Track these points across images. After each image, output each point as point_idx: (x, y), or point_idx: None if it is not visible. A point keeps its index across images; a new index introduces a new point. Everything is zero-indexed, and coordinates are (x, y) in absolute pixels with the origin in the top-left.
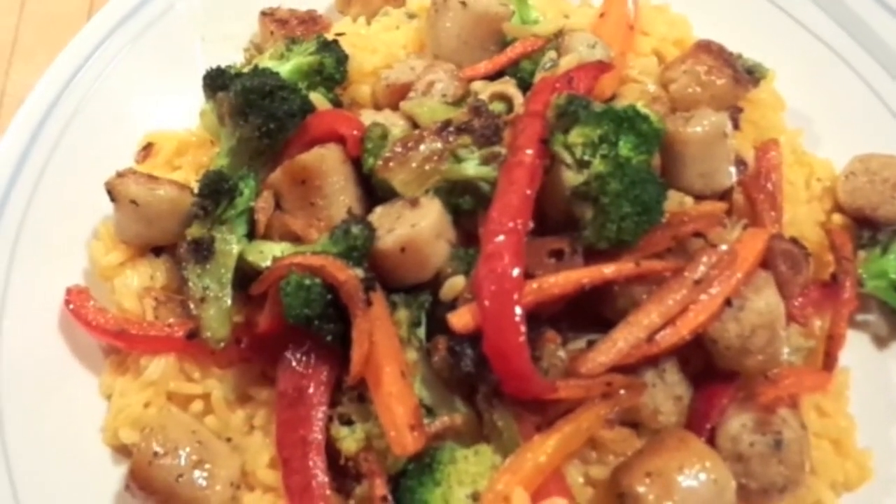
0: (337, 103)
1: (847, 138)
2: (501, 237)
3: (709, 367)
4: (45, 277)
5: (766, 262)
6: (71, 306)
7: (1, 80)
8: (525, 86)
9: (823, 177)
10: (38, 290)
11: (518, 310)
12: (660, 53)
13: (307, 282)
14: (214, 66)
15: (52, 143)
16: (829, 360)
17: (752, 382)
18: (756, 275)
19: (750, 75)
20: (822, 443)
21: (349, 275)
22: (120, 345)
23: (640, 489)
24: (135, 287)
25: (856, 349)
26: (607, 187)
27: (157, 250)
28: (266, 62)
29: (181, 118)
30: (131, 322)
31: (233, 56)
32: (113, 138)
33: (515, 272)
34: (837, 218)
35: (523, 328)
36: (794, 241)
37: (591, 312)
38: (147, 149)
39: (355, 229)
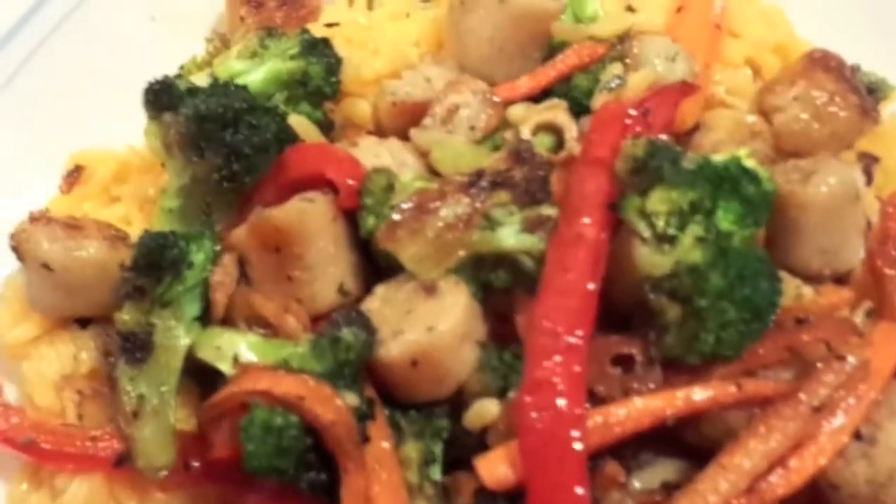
0: (326, 125)
1: None
2: (557, 358)
3: None
4: None
5: None
6: None
7: None
8: (579, 110)
9: None
10: None
11: (579, 462)
12: (754, 63)
13: (278, 421)
14: (160, 72)
15: None
16: None
17: None
18: (890, 391)
19: (870, 95)
20: None
21: (339, 411)
22: (29, 459)
23: None
24: (51, 375)
25: None
26: (706, 285)
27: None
28: (232, 63)
29: (121, 129)
30: (43, 429)
31: (189, 43)
32: (34, 153)
33: (576, 411)
34: None
35: (583, 490)
36: None
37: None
38: (75, 173)
39: (347, 335)
